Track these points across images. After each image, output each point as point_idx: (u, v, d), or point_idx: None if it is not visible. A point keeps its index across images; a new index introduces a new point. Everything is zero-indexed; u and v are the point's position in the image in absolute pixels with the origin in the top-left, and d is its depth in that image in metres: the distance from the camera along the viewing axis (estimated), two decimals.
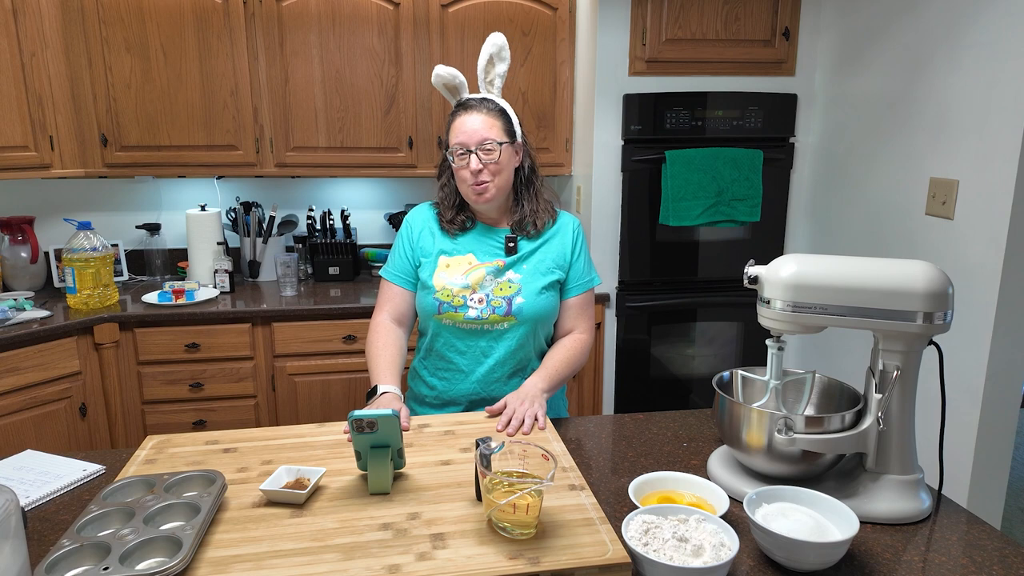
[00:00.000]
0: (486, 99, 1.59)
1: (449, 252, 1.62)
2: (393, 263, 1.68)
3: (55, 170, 2.61)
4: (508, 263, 1.60)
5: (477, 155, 1.52)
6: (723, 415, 1.23)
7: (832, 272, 1.13)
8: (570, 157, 3.00)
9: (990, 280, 2.01)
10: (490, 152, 1.53)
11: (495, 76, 1.62)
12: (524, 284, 1.58)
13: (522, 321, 1.57)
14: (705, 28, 2.66)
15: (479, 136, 1.53)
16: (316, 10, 2.69)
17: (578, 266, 1.66)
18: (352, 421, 1.13)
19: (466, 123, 1.54)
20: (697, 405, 2.99)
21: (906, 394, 1.15)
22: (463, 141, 1.53)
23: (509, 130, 1.58)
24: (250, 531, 1.04)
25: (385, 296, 1.68)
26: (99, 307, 2.58)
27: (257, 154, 2.78)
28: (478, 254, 1.61)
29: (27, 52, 2.48)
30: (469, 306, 1.56)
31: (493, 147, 1.53)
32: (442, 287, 1.58)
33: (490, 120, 1.55)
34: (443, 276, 1.59)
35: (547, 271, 1.61)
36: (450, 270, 1.60)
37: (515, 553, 0.98)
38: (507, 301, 1.57)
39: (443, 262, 1.61)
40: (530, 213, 1.63)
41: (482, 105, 1.57)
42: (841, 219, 2.69)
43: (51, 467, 1.30)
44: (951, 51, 2.13)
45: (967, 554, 1.05)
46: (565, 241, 1.66)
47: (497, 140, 1.54)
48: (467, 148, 1.53)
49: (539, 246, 1.64)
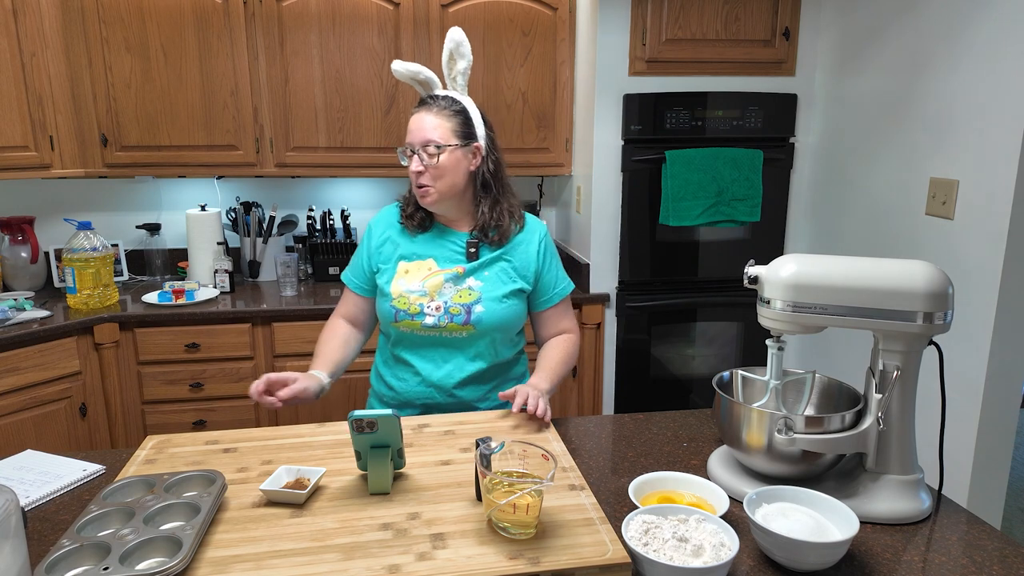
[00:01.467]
0: (447, 97, 1.54)
1: (408, 257, 1.59)
2: (352, 267, 1.67)
3: (55, 170, 2.61)
4: (468, 269, 1.56)
5: (419, 156, 1.50)
6: (723, 415, 1.23)
7: (832, 272, 1.13)
8: (570, 157, 3.00)
9: (990, 280, 2.01)
10: (432, 156, 1.49)
11: (457, 73, 1.56)
12: (484, 292, 1.54)
13: (481, 330, 1.53)
14: (705, 28, 2.66)
15: (423, 136, 1.49)
16: (316, 10, 2.69)
17: (548, 277, 1.63)
18: (352, 421, 1.13)
19: (415, 121, 1.52)
20: (697, 405, 2.99)
21: (906, 394, 1.15)
22: (409, 141, 1.52)
23: (463, 132, 1.52)
24: (250, 531, 1.04)
25: (342, 299, 1.69)
26: (99, 307, 2.58)
27: (257, 154, 2.78)
28: (438, 260, 1.58)
29: (27, 52, 2.48)
30: (426, 313, 1.52)
31: (434, 150, 1.49)
32: (399, 294, 1.54)
33: (439, 121, 1.50)
34: (401, 283, 1.55)
35: (509, 279, 1.57)
36: (408, 276, 1.56)
37: (515, 553, 0.98)
38: (466, 309, 1.53)
39: (402, 268, 1.58)
40: (492, 219, 1.57)
41: (437, 104, 1.52)
42: (841, 219, 2.69)
43: (51, 467, 1.30)
44: (951, 51, 2.13)
45: (967, 554, 1.05)
46: (530, 250, 1.60)
47: (441, 143, 1.49)
48: (411, 148, 1.51)
49: (503, 253, 1.59)
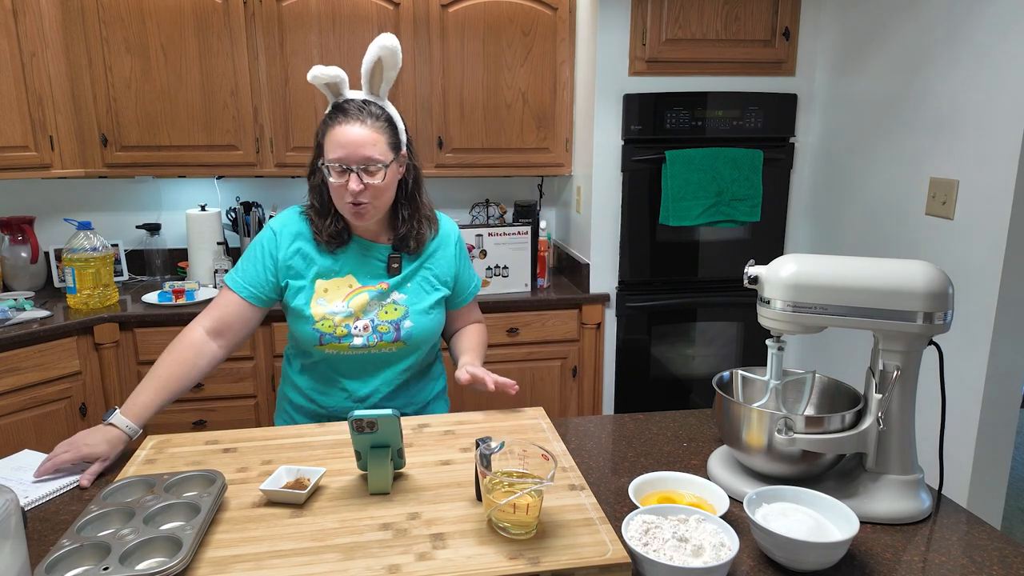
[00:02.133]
0: (370, 103, 1.42)
1: (326, 275, 1.48)
2: (244, 272, 1.49)
3: (55, 170, 2.61)
4: (392, 284, 1.50)
5: (359, 176, 1.37)
6: (723, 415, 1.23)
7: (832, 272, 1.13)
8: (570, 157, 3.00)
9: (990, 280, 2.01)
10: (373, 174, 1.38)
11: (382, 80, 1.45)
12: (410, 305, 1.50)
13: (412, 344, 1.50)
14: (705, 28, 2.66)
15: (361, 154, 1.36)
16: (316, 10, 2.69)
17: (464, 278, 1.61)
18: (352, 421, 1.13)
19: (347, 134, 1.36)
20: (697, 405, 2.99)
21: (906, 394, 1.15)
22: (342, 157, 1.36)
23: (394, 142, 1.43)
24: (250, 531, 1.04)
25: (217, 304, 1.48)
26: (99, 307, 2.58)
27: (257, 154, 2.78)
28: (359, 276, 1.50)
29: (27, 52, 2.48)
30: (354, 335, 1.46)
31: (376, 169, 1.38)
32: (321, 316, 1.45)
33: (374, 135, 1.38)
34: (322, 304, 1.46)
35: (432, 288, 1.54)
36: (329, 295, 1.47)
37: (515, 553, 0.97)
38: (394, 326, 1.48)
39: (320, 287, 1.48)
40: (412, 228, 1.51)
41: (366, 113, 1.39)
42: (841, 219, 2.69)
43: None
44: (951, 51, 2.13)
45: (967, 554, 1.05)
46: (448, 253, 1.57)
47: (382, 160, 1.39)
48: (347, 166, 1.37)
49: (423, 262, 1.54)
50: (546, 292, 2.85)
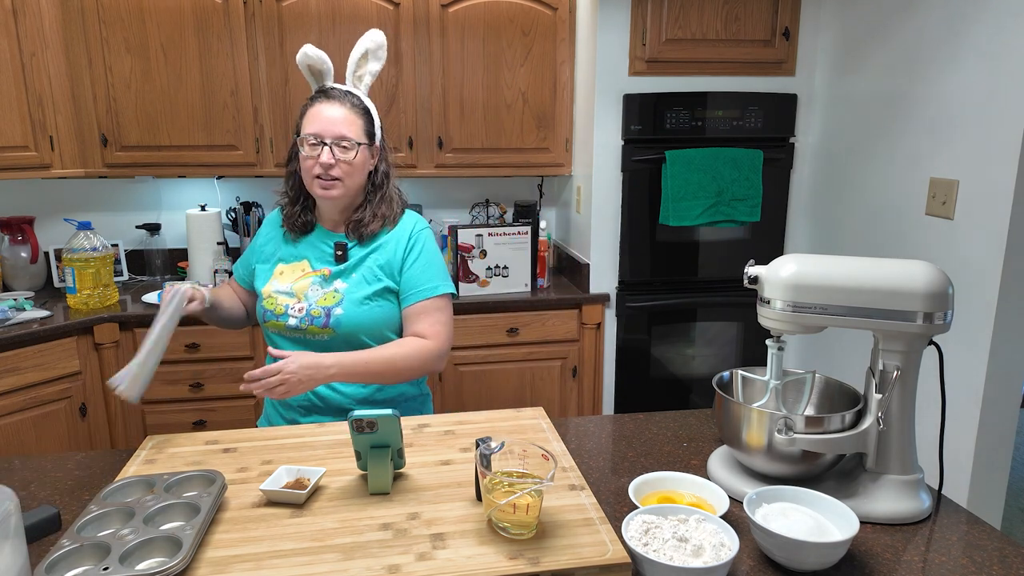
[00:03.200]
0: (352, 93, 1.52)
1: (286, 259, 1.59)
2: (241, 259, 1.71)
3: (55, 170, 2.61)
4: (335, 272, 1.54)
5: (331, 150, 1.46)
6: (723, 415, 1.23)
7: (832, 272, 1.13)
8: (570, 157, 3.00)
9: (990, 280, 2.01)
10: (346, 150, 1.47)
11: (365, 73, 1.54)
12: (347, 294, 1.51)
13: (341, 333, 1.49)
14: (705, 28, 2.66)
15: (337, 131, 1.46)
16: (316, 10, 2.69)
17: (412, 273, 1.54)
18: (352, 421, 1.13)
19: (325, 112, 1.47)
20: (697, 405, 2.99)
21: (906, 394, 1.15)
22: (318, 131, 1.46)
23: (369, 131, 1.52)
24: (250, 531, 1.04)
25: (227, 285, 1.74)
26: (99, 307, 2.58)
27: (257, 154, 2.78)
28: (312, 261, 1.57)
29: (27, 52, 2.48)
30: (289, 315, 1.52)
31: (350, 146, 1.47)
32: (268, 295, 1.55)
33: (352, 116, 1.48)
34: (274, 283, 1.56)
35: (374, 279, 1.53)
36: (282, 277, 1.57)
37: (515, 553, 0.98)
38: (326, 312, 1.50)
39: (278, 270, 1.58)
40: (365, 216, 1.54)
41: (346, 98, 1.50)
42: (841, 219, 2.69)
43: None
44: (951, 51, 2.13)
45: (967, 554, 1.05)
46: (398, 247, 1.55)
47: (355, 140, 1.47)
48: (321, 140, 1.45)
49: (369, 253, 1.55)
50: (546, 292, 2.85)
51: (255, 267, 1.63)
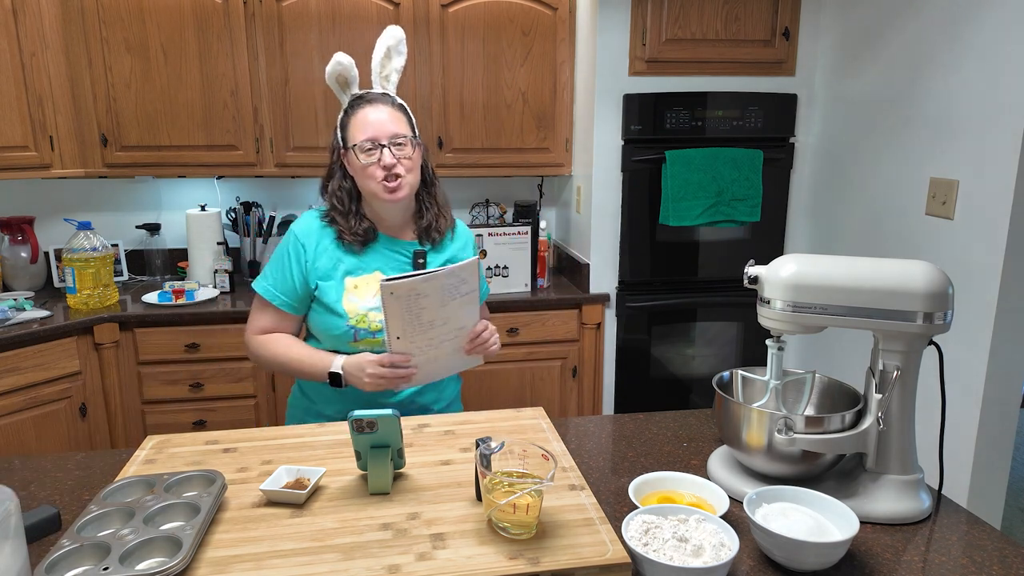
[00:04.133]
0: (387, 94, 1.51)
1: (355, 272, 1.52)
2: (274, 280, 1.52)
3: (55, 170, 2.61)
4: None
5: (390, 150, 1.44)
6: (723, 415, 1.23)
7: (832, 272, 1.13)
8: (570, 157, 3.00)
9: (990, 280, 2.01)
10: (402, 147, 1.46)
11: (391, 71, 1.53)
12: None
13: None
14: (705, 28, 2.66)
15: (390, 130, 1.45)
16: (316, 10, 2.69)
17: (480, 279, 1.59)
18: (352, 421, 1.13)
19: (372, 115, 1.46)
20: (697, 405, 2.99)
21: (906, 394, 1.15)
22: (373, 135, 1.44)
23: (413, 128, 1.52)
24: (250, 531, 1.04)
25: (261, 315, 1.54)
26: (99, 307, 2.58)
27: (257, 154, 2.78)
28: (386, 271, 1.53)
29: (27, 52, 2.48)
30: None
31: (406, 142, 1.46)
32: (355, 313, 1.48)
33: (397, 114, 1.48)
34: (353, 300, 1.49)
35: None
36: (359, 291, 1.50)
37: (515, 553, 0.98)
38: None
39: (350, 283, 1.50)
40: (433, 218, 1.57)
41: (387, 99, 1.49)
42: (841, 219, 2.69)
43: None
44: (951, 51, 2.13)
45: (967, 554, 1.05)
46: (467, 254, 1.62)
47: (408, 136, 1.47)
48: (377, 143, 1.44)
49: (446, 259, 1.59)
50: (546, 292, 2.85)
51: (317, 284, 1.51)
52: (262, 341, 1.55)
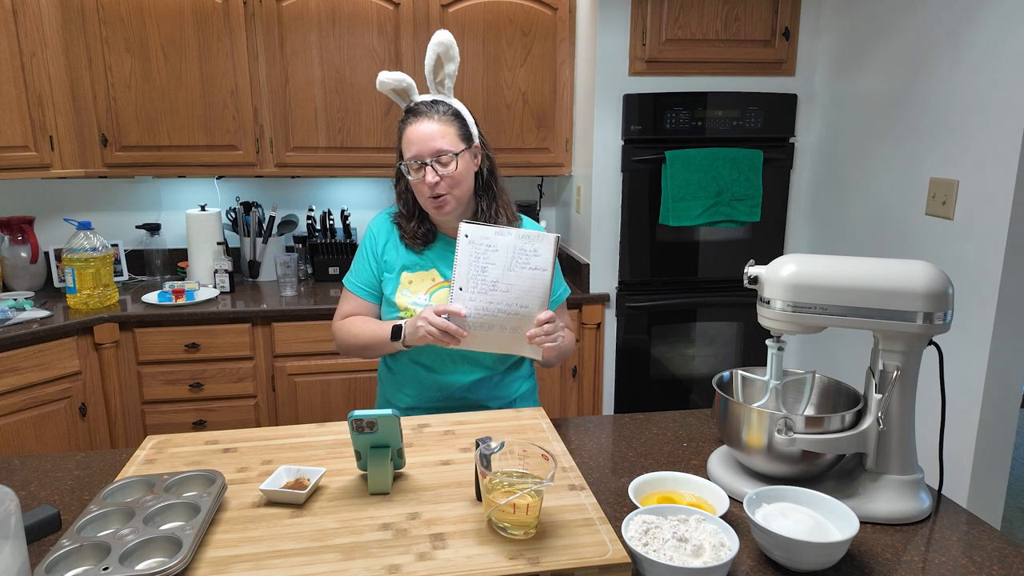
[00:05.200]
0: (437, 102, 1.52)
1: (411, 268, 1.57)
2: (357, 273, 1.63)
3: (55, 170, 2.61)
4: None
5: (433, 167, 1.46)
6: (723, 415, 1.23)
7: (832, 272, 1.13)
8: (570, 157, 3.00)
9: (990, 280, 2.01)
10: (446, 164, 1.47)
11: (444, 76, 1.54)
12: None
13: None
14: (705, 28, 2.66)
15: (433, 147, 1.46)
16: (316, 10, 2.69)
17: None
18: (352, 421, 1.13)
19: (417, 131, 1.47)
20: (697, 405, 2.99)
21: (906, 394, 1.15)
22: (416, 153, 1.47)
23: (465, 134, 1.52)
24: (250, 531, 1.04)
25: (347, 305, 1.63)
26: (99, 307, 2.58)
27: (257, 154, 2.78)
28: (442, 269, 1.57)
29: (27, 52, 2.48)
30: None
31: (448, 159, 1.47)
32: (404, 307, 1.53)
33: (443, 127, 1.48)
34: (406, 295, 1.54)
35: None
36: (413, 287, 1.55)
37: (515, 553, 0.98)
38: None
39: (405, 279, 1.56)
40: (491, 218, 1.58)
41: (433, 110, 1.49)
42: (841, 219, 2.69)
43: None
44: (951, 51, 2.13)
45: (967, 554, 1.05)
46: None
47: (452, 150, 1.47)
48: (421, 161, 1.46)
49: None
50: None
51: (383, 276, 1.59)
52: (341, 324, 1.62)
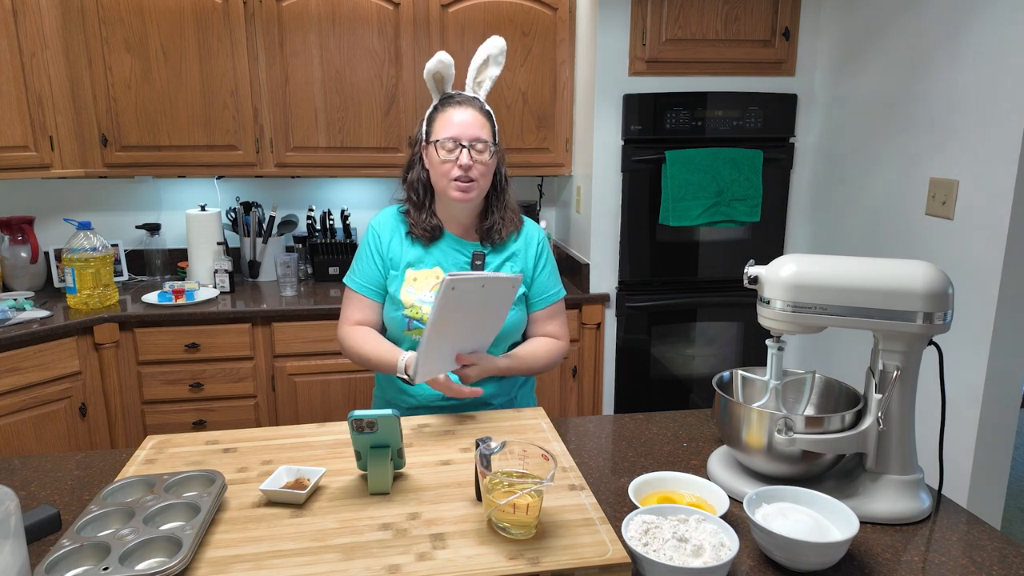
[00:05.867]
0: (476, 98, 1.56)
1: (415, 265, 1.58)
2: (360, 272, 1.62)
3: (55, 170, 2.61)
4: None
5: (469, 152, 1.49)
6: (723, 415, 1.23)
7: (832, 272, 1.13)
8: (570, 157, 3.00)
9: (990, 280, 2.01)
10: (481, 152, 1.50)
11: (486, 78, 1.58)
12: None
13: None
14: (705, 28, 2.66)
15: (473, 133, 1.49)
16: (316, 10, 2.69)
17: (541, 279, 1.64)
18: (352, 421, 1.13)
19: (458, 116, 1.50)
20: (697, 405, 2.99)
21: (906, 394, 1.15)
22: (456, 135, 1.49)
23: (494, 135, 1.56)
24: (250, 531, 1.04)
25: (352, 307, 1.62)
26: (99, 307, 2.58)
27: (257, 154, 2.78)
28: (445, 268, 1.58)
29: (27, 52, 2.48)
30: None
31: (485, 148, 1.50)
32: (410, 304, 1.54)
33: (482, 119, 1.52)
34: (411, 291, 1.55)
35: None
36: (417, 284, 1.56)
37: (515, 553, 0.98)
38: None
39: (410, 275, 1.57)
40: (497, 221, 1.59)
41: (475, 103, 1.54)
42: (841, 219, 2.69)
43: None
44: (951, 51, 2.13)
45: (967, 554, 1.05)
46: (528, 255, 1.63)
47: (489, 141, 1.51)
48: (459, 143, 1.49)
49: (504, 261, 1.61)
50: None
51: (388, 273, 1.60)
52: (348, 332, 1.61)
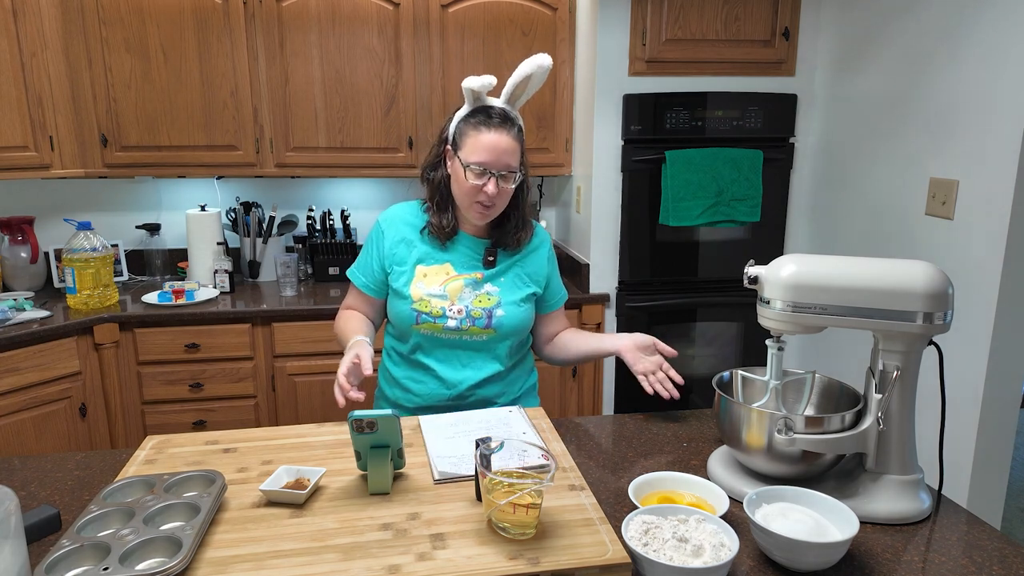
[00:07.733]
0: (511, 117, 1.53)
1: (426, 261, 1.58)
2: (360, 265, 1.65)
3: (55, 170, 2.61)
4: (487, 276, 1.59)
5: (498, 181, 1.48)
6: (723, 415, 1.23)
7: (832, 272, 1.13)
8: (570, 157, 3.00)
9: (990, 280, 2.01)
10: (508, 180, 1.50)
11: (524, 93, 1.55)
12: (503, 296, 1.57)
13: (502, 333, 1.56)
14: (705, 28, 2.66)
15: (505, 162, 1.48)
16: (316, 10, 2.69)
17: (555, 282, 1.70)
18: (352, 421, 1.13)
19: (494, 141, 1.47)
20: (697, 405, 2.99)
21: (906, 394, 1.15)
22: (487, 161, 1.46)
23: (523, 154, 1.55)
24: (250, 531, 1.04)
25: (351, 298, 1.68)
26: (99, 307, 2.58)
27: (257, 154, 2.78)
28: (456, 265, 1.58)
29: (27, 52, 2.48)
30: (448, 316, 1.53)
31: (512, 176, 1.50)
32: (419, 297, 1.54)
33: (515, 145, 1.50)
34: (420, 286, 1.55)
35: (524, 284, 1.62)
36: (427, 280, 1.56)
37: (515, 553, 0.98)
38: (487, 313, 1.55)
39: (420, 271, 1.57)
40: (514, 228, 1.60)
41: (510, 125, 1.50)
42: (841, 219, 2.69)
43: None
44: (951, 51, 2.13)
45: (967, 554, 1.05)
46: (541, 256, 1.66)
47: (518, 170, 1.51)
48: (489, 171, 1.47)
49: (517, 260, 1.62)
50: None
51: (392, 269, 1.60)
52: (341, 313, 1.67)
